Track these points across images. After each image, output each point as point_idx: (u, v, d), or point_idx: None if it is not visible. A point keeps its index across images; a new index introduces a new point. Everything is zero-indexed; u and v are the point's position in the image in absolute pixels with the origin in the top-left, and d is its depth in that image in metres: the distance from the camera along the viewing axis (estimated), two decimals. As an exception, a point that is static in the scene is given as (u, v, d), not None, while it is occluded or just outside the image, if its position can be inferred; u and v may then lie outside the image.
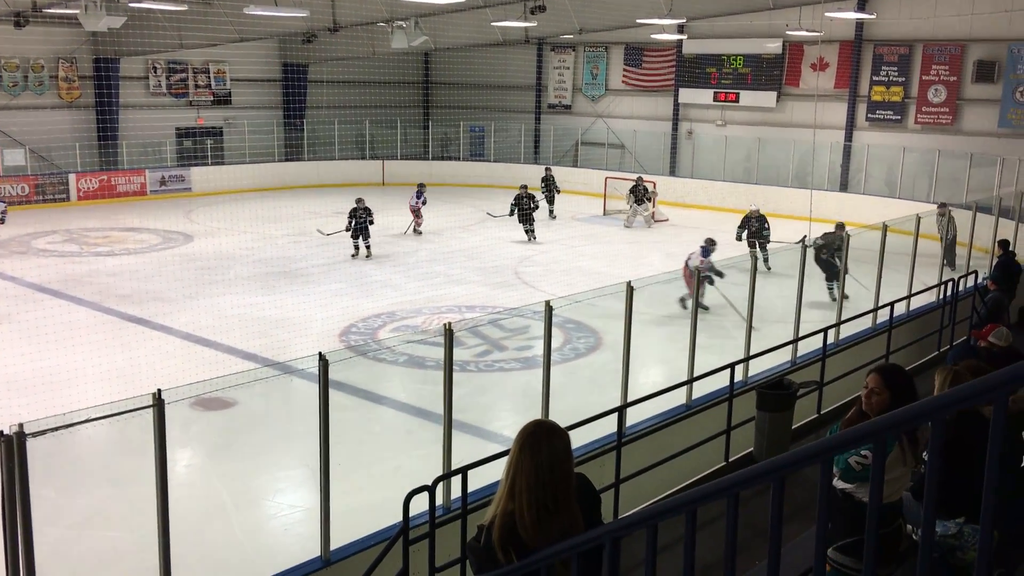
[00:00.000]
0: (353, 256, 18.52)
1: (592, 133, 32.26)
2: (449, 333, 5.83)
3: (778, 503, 2.13)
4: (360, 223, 18.62)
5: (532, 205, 21.49)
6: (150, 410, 4.44)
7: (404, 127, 32.76)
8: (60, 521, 7.40)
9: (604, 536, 2.60)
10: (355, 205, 18.74)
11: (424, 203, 21.92)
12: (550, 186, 25.21)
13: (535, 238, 21.23)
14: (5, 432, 3.85)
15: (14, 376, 11.13)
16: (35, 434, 3.90)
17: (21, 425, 3.87)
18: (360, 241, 18.74)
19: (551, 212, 24.92)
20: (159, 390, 4.44)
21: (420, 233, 21.82)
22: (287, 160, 30.92)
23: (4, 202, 15.26)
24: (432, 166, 31.98)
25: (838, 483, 3.90)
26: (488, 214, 23.43)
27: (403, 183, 31.01)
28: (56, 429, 3.99)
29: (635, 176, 25.23)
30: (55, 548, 6.92)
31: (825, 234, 14.99)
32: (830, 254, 14.35)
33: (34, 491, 4.06)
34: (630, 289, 7.51)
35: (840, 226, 14.79)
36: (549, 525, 2.73)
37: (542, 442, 2.80)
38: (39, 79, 26.50)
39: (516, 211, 21.35)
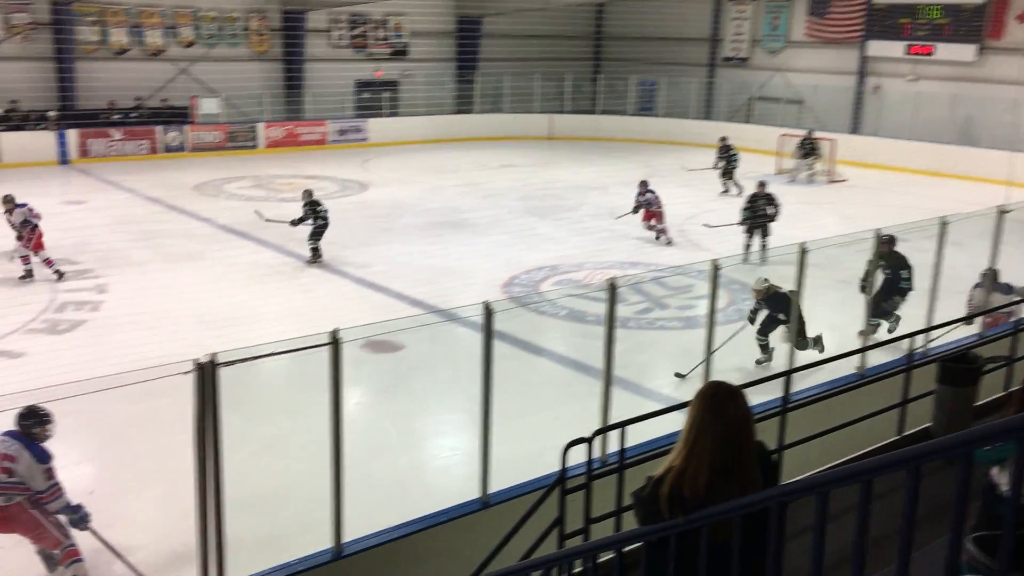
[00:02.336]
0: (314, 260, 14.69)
1: (769, 88, 30.97)
2: (612, 288, 5.81)
3: (964, 479, 2.00)
4: (319, 219, 14.74)
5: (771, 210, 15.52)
6: (327, 348, 4.68)
7: (574, 81, 32.56)
8: (244, 447, 7.95)
9: (771, 500, 2.54)
10: (303, 199, 14.93)
11: (648, 202, 16.77)
12: (728, 158, 21.59)
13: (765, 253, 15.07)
14: (199, 361, 4.17)
15: (205, 310, 12.02)
16: (226, 364, 4.20)
17: (214, 355, 4.17)
18: (309, 241, 14.74)
19: (728, 188, 21.43)
20: (337, 329, 4.67)
21: (669, 242, 16.64)
22: (458, 112, 31.47)
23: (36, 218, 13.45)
24: (600, 120, 31.70)
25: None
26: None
27: (569, 137, 30.95)
28: (244, 360, 4.28)
29: (806, 131, 24.17)
30: (239, 472, 7.45)
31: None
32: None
33: (223, 418, 4.39)
34: (803, 251, 7.22)
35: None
36: (724, 488, 2.70)
37: (726, 403, 2.78)
38: (233, 31, 28.09)
39: (750, 215, 15.48)
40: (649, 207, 16.95)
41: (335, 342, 4.63)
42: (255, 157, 26.17)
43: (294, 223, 14.75)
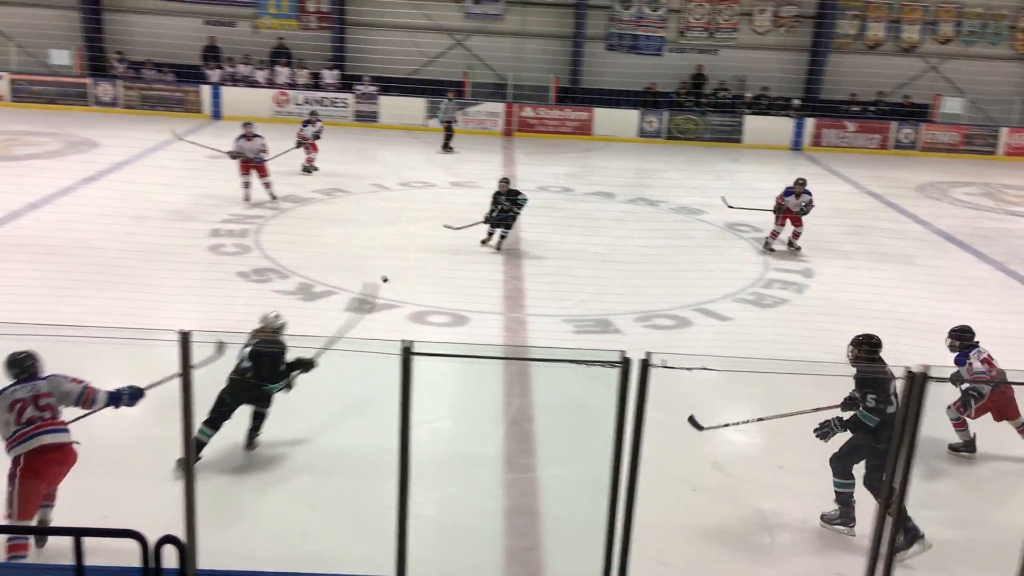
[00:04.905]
0: (483, 242, 13.82)
1: None
2: None
3: None
4: (503, 211, 13.71)
5: None
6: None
7: None
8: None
9: None
10: (498, 189, 13.87)
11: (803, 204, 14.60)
12: None
13: None
14: (911, 369, 4.07)
15: (906, 316, 11.64)
16: (938, 379, 4.03)
17: (927, 367, 4.03)
18: (496, 230, 13.82)
19: None
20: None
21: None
22: None
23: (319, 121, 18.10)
24: None
25: None
26: None
27: None
28: (951, 381, 4.05)
29: None
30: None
31: None
32: None
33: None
34: None
35: None
36: None
37: None
38: (996, 29, 26.23)
39: None
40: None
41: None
42: (990, 163, 24.27)
43: (488, 220, 13.84)
